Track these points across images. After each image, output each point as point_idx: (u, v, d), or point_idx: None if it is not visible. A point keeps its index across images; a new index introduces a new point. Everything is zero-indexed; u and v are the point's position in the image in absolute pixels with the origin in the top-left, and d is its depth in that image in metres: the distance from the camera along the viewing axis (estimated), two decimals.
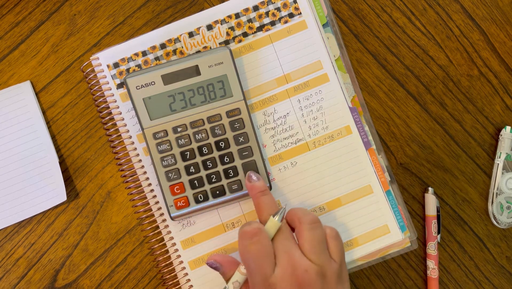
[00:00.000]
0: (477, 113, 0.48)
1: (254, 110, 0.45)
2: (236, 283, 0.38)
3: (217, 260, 0.40)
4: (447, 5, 0.48)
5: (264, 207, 0.39)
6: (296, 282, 0.35)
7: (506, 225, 0.48)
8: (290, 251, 0.37)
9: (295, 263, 0.36)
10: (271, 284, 0.35)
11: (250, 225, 0.38)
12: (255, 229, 0.37)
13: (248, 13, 0.45)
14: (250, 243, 0.37)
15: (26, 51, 0.47)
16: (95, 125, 0.46)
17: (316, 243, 0.37)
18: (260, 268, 0.36)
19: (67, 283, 0.45)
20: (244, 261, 0.37)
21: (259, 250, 0.36)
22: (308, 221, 0.38)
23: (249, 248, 0.37)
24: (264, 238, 0.37)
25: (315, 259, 0.36)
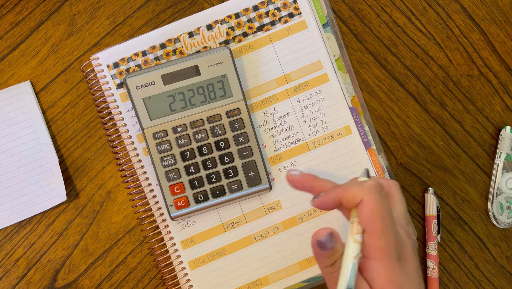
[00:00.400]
0: (477, 113, 0.48)
1: (254, 110, 0.45)
2: (358, 256, 0.32)
3: (333, 233, 0.33)
4: (447, 5, 0.48)
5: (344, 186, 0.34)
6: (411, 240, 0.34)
7: (506, 225, 0.48)
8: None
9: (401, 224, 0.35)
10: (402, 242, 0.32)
11: (366, 180, 0.33)
12: (379, 183, 0.33)
13: (248, 13, 0.45)
14: (383, 197, 0.32)
15: (26, 51, 0.47)
16: (95, 125, 0.46)
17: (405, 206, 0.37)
18: (394, 225, 0.32)
19: (67, 283, 0.45)
20: (378, 217, 0.31)
21: (388, 206, 0.33)
22: (397, 184, 0.37)
23: (385, 203, 0.32)
24: (387, 193, 0.35)
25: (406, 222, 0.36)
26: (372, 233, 0.31)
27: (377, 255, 0.31)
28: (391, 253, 0.31)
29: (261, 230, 0.45)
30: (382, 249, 0.31)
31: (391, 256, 0.31)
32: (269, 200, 0.45)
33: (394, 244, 0.32)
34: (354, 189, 0.32)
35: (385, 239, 0.31)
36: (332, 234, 0.32)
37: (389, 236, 0.31)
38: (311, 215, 0.45)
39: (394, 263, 0.31)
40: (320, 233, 0.32)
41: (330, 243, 0.32)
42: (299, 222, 0.45)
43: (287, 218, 0.45)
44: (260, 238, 0.45)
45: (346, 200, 0.33)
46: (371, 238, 0.31)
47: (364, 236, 0.32)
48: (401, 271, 0.32)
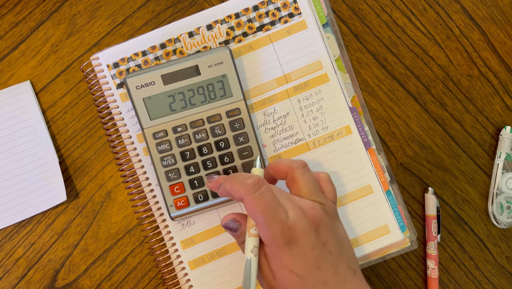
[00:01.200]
0: (477, 113, 0.48)
1: (254, 110, 0.45)
2: (254, 249, 0.36)
3: (235, 218, 0.38)
4: (447, 5, 0.48)
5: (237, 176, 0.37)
6: (310, 219, 0.35)
7: (506, 225, 0.48)
8: (290, 197, 0.37)
9: (301, 205, 0.36)
10: (290, 227, 0.35)
11: (248, 176, 0.36)
12: (258, 179, 0.36)
13: (248, 13, 0.45)
14: (260, 194, 0.35)
15: (26, 51, 0.47)
16: (95, 125, 0.46)
17: (312, 184, 0.38)
18: (276, 215, 0.35)
19: (67, 283, 0.45)
20: (259, 213, 0.35)
21: (271, 197, 0.35)
22: (299, 165, 0.38)
23: (262, 199, 0.35)
24: (269, 186, 0.36)
25: (314, 198, 0.37)
26: (258, 226, 0.36)
27: (268, 243, 0.35)
28: (278, 240, 0.35)
29: None
30: (269, 238, 0.35)
31: (279, 242, 0.35)
32: None
33: (280, 232, 0.34)
34: (236, 188, 0.36)
35: (268, 230, 0.35)
36: (234, 219, 0.38)
37: (272, 227, 0.34)
38: None
39: (283, 248, 0.35)
40: (224, 219, 0.38)
41: (234, 226, 0.38)
42: None
43: None
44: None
45: (233, 194, 0.37)
46: (259, 229, 0.36)
47: (256, 227, 0.36)
48: (290, 253, 0.35)
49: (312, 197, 0.37)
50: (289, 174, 0.38)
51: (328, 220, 0.36)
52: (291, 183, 0.38)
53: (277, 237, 0.35)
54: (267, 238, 0.35)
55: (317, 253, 0.35)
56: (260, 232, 0.36)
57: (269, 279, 0.36)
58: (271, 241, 0.35)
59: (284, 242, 0.35)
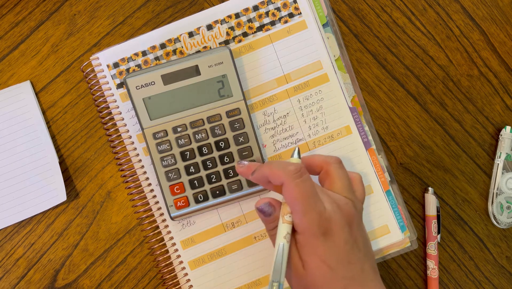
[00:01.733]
0: (477, 113, 0.48)
1: (254, 110, 0.45)
2: (287, 235, 0.36)
3: (272, 203, 0.37)
4: (447, 5, 0.48)
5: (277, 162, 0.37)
6: (344, 214, 0.36)
7: (506, 225, 0.48)
8: (325, 191, 0.37)
9: (336, 199, 0.36)
10: (327, 218, 0.35)
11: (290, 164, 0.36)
12: (300, 167, 0.36)
13: (248, 13, 0.45)
14: (302, 181, 0.35)
15: (26, 51, 0.47)
16: (95, 125, 0.46)
17: (346, 181, 0.38)
18: (315, 205, 0.35)
19: (67, 283, 0.45)
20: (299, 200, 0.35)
21: (310, 186, 0.35)
22: (335, 160, 0.39)
23: (302, 186, 0.35)
24: (309, 176, 0.36)
25: (347, 194, 0.37)
26: (295, 213, 0.35)
27: (303, 231, 0.35)
28: (314, 230, 0.35)
29: (261, 230, 0.45)
30: (305, 227, 0.35)
31: (313, 232, 0.35)
32: None
33: (316, 222, 0.34)
34: (277, 171, 0.36)
35: (305, 218, 0.35)
36: (270, 203, 0.37)
37: (310, 216, 0.34)
38: None
39: (317, 238, 0.35)
40: (260, 202, 0.38)
41: (268, 211, 0.37)
42: None
43: None
44: (260, 238, 0.45)
45: (272, 180, 0.37)
46: (295, 217, 0.35)
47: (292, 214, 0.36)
48: (324, 244, 0.35)
49: (345, 193, 0.37)
50: (324, 168, 0.39)
51: (358, 217, 0.37)
52: (325, 177, 0.39)
53: (313, 226, 0.35)
54: (303, 226, 0.35)
55: (349, 248, 0.35)
56: (296, 219, 0.35)
57: (298, 268, 0.36)
58: (307, 229, 0.35)
59: (320, 232, 0.35)
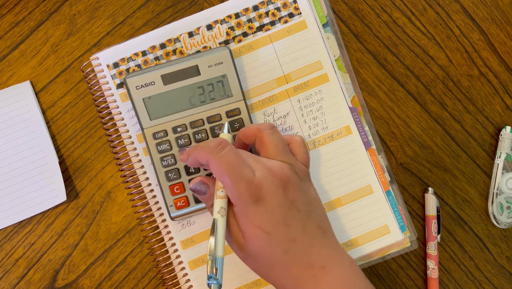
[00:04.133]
0: (477, 113, 0.48)
1: (254, 110, 0.45)
2: (222, 210, 0.37)
3: (203, 181, 0.39)
4: (447, 5, 0.48)
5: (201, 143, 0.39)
6: (277, 178, 0.36)
7: (506, 225, 0.48)
8: (258, 158, 0.37)
9: (269, 165, 0.37)
10: (257, 185, 0.35)
11: (211, 140, 0.37)
12: (220, 141, 0.37)
13: (248, 13, 0.45)
14: (224, 154, 0.36)
15: (26, 51, 0.47)
16: (95, 125, 0.46)
17: (281, 145, 0.38)
18: (242, 173, 0.35)
19: (67, 283, 0.45)
20: (225, 173, 0.35)
21: (236, 157, 0.36)
22: (267, 127, 0.39)
23: (225, 158, 0.36)
24: (232, 147, 0.37)
25: (284, 158, 0.38)
26: (225, 186, 0.36)
27: (236, 202, 0.36)
28: (243, 199, 0.35)
29: None
30: (236, 197, 0.36)
31: (244, 201, 0.35)
32: None
33: (246, 190, 0.35)
34: (201, 151, 0.37)
35: (234, 189, 0.35)
36: (202, 181, 0.39)
37: (239, 186, 0.35)
38: None
39: (249, 206, 0.35)
40: (193, 181, 0.39)
41: (202, 189, 0.38)
42: None
43: None
44: None
45: (200, 161, 0.37)
46: (227, 190, 0.36)
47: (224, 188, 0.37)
48: (257, 211, 0.35)
49: (281, 158, 0.38)
50: (257, 136, 0.39)
51: (297, 179, 0.37)
52: (260, 145, 0.39)
53: (243, 195, 0.35)
54: (234, 196, 0.36)
55: (285, 211, 0.36)
56: (227, 191, 0.36)
57: (238, 238, 0.37)
58: (238, 200, 0.36)
59: (252, 200, 0.35)
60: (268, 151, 0.38)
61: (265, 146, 0.38)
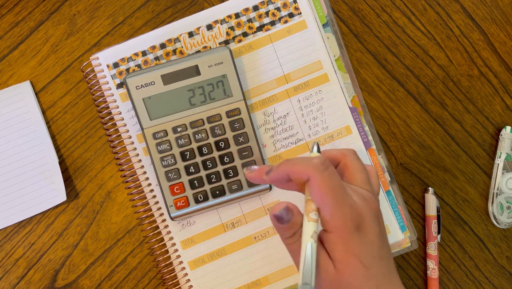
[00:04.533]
0: (477, 113, 0.48)
1: (254, 110, 0.45)
2: (314, 234, 0.32)
3: (290, 207, 0.34)
4: (447, 5, 0.48)
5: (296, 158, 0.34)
6: (372, 208, 0.33)
7: (506, 225, 0.48)
8: (349, 185, 0.35)
9: (362, 193, 0.34)
10: (360, 212, 0.32)
11: (315, 156, 0.33)
12: (325, 158, 0.33)
13: (248, 13, 0.45)
14: (329, 174, 0.32)
15: (26, 51, 0.47)
16: (95, 125, 0.46)
17: (365, 172, 0.36)
18: (346, 197, 0.32)
19: (67, 283, 0.45)
20: (329, 194, 0.32)
21: (338, 179, 0.33)
22: (352, 152, 0.36)
23: (331, 178, 0.32)
24: (334, 168, 0.33)
25: (369, 188, 0.35)
26: (325, 209, 0.32)
27: (334, 229, 0.32)
28: (347, 225, 0.32)
29: (261, 230, 0.45)
30: (338, 222, 0.32)
31: (347, 228, 0.32)
32: (269, 200, 0.45)
33: (350, 216, 0.32)
34: (301, 166, 0.33)
35: (339, 213, 0.32)
36: (288, 207, 0.33)
37: (343, 210, 0.32)
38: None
39: (352, 234, 0.32)
40: (276, 208, 0.34)
41: (287, 216, 0.33)
42: None
43: None
44: (260, 238, 0.45)
45: (294, 176, 0.33)
46: (325, 214, 0.32)
47: (319, 212, 0.32)
48: (359, 241, 0.32)
49: (365, 186, 0.35)
50: (342, 161, 0.36)
51: (380, 211, 0.35)
52: (343, 170, 0.36)
53: (347, 220, 0.32)
54: (335, 222, 0.32)
55: (381, 243, 0.33)
56: (326, 216, 0.32)
57: (328, 269, 0.33)
58: (340, 226, 0.32)
59: (354, 227, 0.32)
60: (355, 177, 0.35)
61: (351, 171, 0.36)
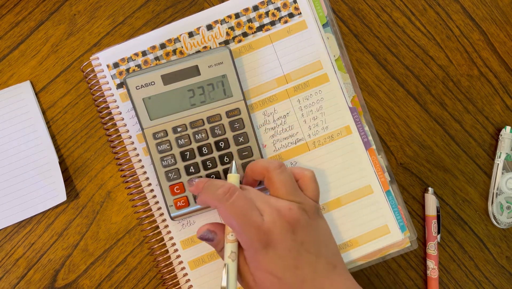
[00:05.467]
0: (477, 113, 0.48)
1: (254, 110, 0.45)
2: (232, 254, 0.37)
3: (210, 229, 0.39)
4: (447, 5, 0.48)
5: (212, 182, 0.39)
6: (286, 222, 0.36)
7: (506, 225, 0.48)
8: (267, 199, 0.37)
9: (278, 207, 0.37)
10: (266, 231, 0.36)
11: (219, 186, 0.37)
12: (228, 187, 0.37)
13: (248, 13, 0.45)
14: (233, 202, 0.36)
15: (26, 51, 0.47)
16: (95, 125, 0.46)
17: (290, 184, 0.38)
18: (250, 220, 0.36)
19: (67, 283, 0.45)
20: (234, 220, 0.36)
21: (244, 203, 0.36)
22: (275, 166, 0.39)
23: (234, 206, 0.36)
24: (241, 192, 0.37)
25: (292, 198, 0.38)
26: (234, 231, 0.37)
27: (245, 248, 0.37)
28: (254, 245, 0.36)
29: None
30: (246, 243, 0.36)
31: (254, 247, 0.36)
32: None
33: (256, 236, 0.35)
34: (209, 199, 0.38)
35: (244, 236, 0.36)
36: (209, 230, 0.39)
37: (248, 232, 0.36)
38: None
39: (260, 252, 0.36)
40: (200, 230, 0.40)
41: (210, 236, 0.39)
42: None
43: None
44: None
45: (210, 205, 0.39)
46: (236, 235, 0.37)
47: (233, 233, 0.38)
48: (268, 257, 0.36)
49: (290, 197, 0.38)
50: (265, 176, 0.39)
51: (306, 219, 0.37)
52: (269, 184, 0.39)
53: (253, 241, 0.36)
54: (244, 242, 0.36)
55: (295, 254, 0.36)
56: (237, 237, 0.37)
57: (249, 282, 0.37)
58: (248, 246, 0.36)
59: (261, 245, 0.36)
60: (277, 190, 0.38)
61: (274, 185, 0.38)
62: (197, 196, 0.40)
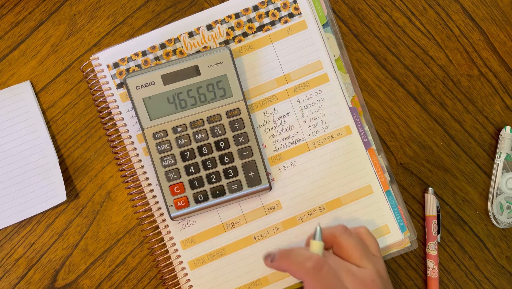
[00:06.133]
0: (477, 113, 0.48)
1: (254, 110, 0.45)
2: None
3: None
4: (447, 5, 0.48)
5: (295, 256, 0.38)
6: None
7: (506, 225, 0.48)
8: (349, 269, 0.37)
9: (362, 279, 0.37)
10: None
11: (306, 256, 0.36)
12: (318, 261, 0.36)
13: (248, 13, 0.45)
14: (323, 277, 0.36)
15: (26, 51, 0.47)
16: (95, 125, 0.46)
17: (361, 247, 0.39)
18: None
19: (67, 283, 0.45)
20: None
21: (332, 279, 0.36)
22: (342, 230, 0.39)
23: (324, 283, 0.36)
24: (330, 267, 0.36)
25: (368, 264, 0.38)
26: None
27: None
28: None
29: (261, 230, 0.45)
30: None
31: None
32: (269, 200, 0.45)
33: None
34: (295, 270, 0.37)
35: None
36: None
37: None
38: (311, 215, 0.45)
39: None
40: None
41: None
42: (299, 222, 0.45)
43: (287, 218, 0.45)
44: (260, 238, 0.45)
45: (292, 275, 0.37)
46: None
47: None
48: None
49: (364, 261, 0.38)
50: (334, 242, 0.39)
51: (383, 286, 0.37)
52: (339, 251, 0.39)
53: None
54: None
55: None
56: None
57: None
58: None
59: None
60: (351, 256, 0.38)
61: (346, 251, 0.38)
62: (273, 260, 0.38)
